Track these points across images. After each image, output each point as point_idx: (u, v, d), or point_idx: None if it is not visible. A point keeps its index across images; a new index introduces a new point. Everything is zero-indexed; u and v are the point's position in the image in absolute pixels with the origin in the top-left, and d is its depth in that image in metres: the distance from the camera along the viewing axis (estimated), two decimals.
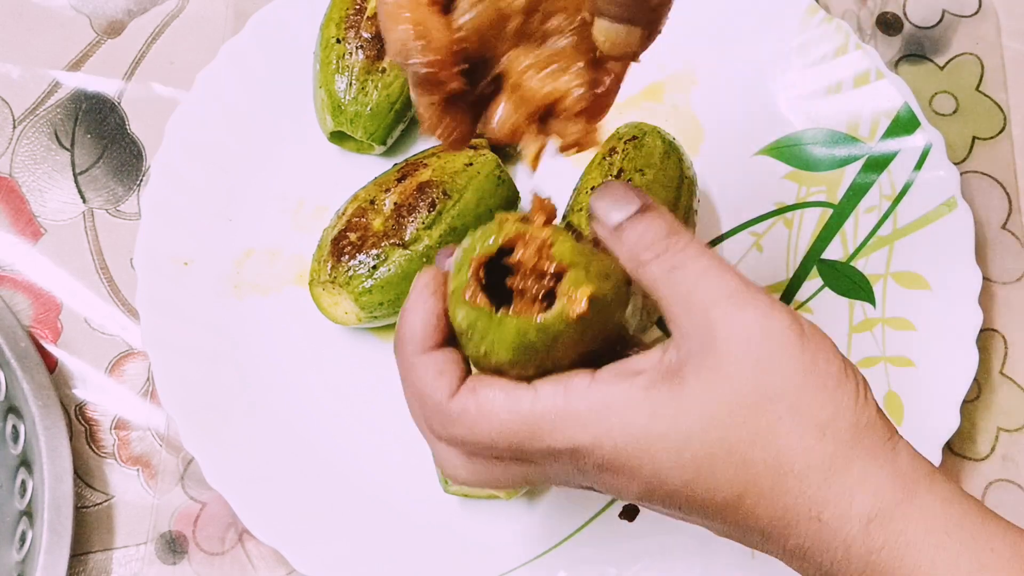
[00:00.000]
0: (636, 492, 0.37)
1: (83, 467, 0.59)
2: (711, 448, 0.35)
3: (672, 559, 0.56)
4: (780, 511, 0.35)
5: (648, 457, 0.36)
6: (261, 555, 0.57)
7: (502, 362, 0.37)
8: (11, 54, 0.69)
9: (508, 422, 0.36)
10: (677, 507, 0.37)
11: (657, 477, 0.36)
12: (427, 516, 0.57)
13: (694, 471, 0.35)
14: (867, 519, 0.35)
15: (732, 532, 0.38)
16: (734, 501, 0.36)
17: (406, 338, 0.38)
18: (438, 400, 0.37)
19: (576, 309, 0.36)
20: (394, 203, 0.58)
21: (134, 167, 0.66)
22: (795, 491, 0.35)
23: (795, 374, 0.36)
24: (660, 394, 0.36)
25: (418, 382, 0.38)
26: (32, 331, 0.62)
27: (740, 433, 0.35)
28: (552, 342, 0.36)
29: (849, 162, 0.64)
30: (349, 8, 0.63)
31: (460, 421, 0.37)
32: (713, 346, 0.35)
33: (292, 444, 0.58)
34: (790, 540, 0.36)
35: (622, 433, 0.35)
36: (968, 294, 0.60)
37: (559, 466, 0.37)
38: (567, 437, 0.36)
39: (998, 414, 0.61)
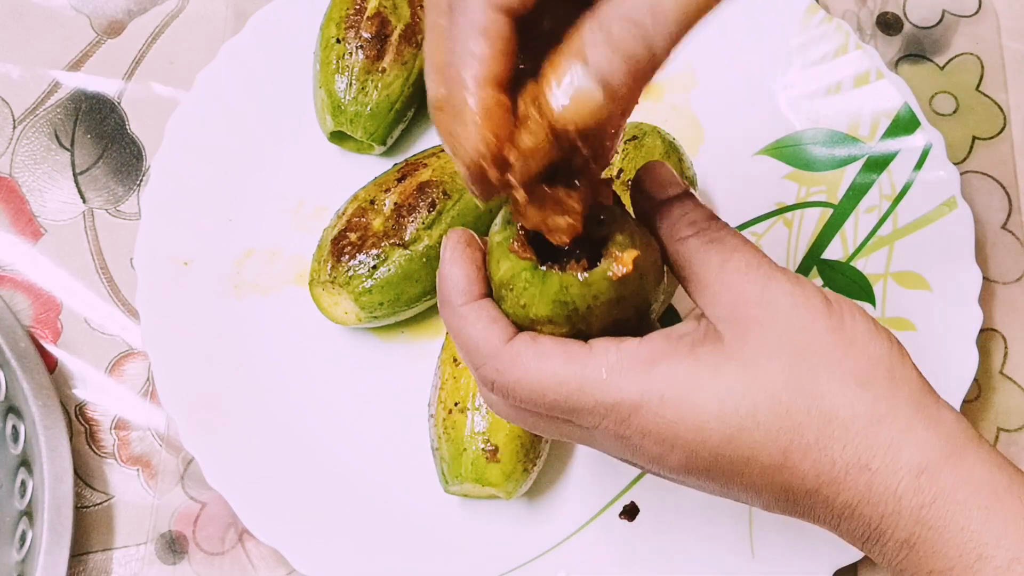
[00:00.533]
0: (678, 460, 0.37)
1: (83, 467, 0.59)
2: (754, 398, 0.35)
3: (672, 559, 0.56)
4: (827, 464, 0.35)
5: (693, 409, 0.36)
6: (261, 555, 0.57)
7: (540, 316, 0.37)
8: (11, 54, 0.69)
9: (561, 370, 0.37)
10: (720, 473, 0.37)
11: (701, 434, 0.36)
12: (427, 516, 0.57)
13: (738, 424, 0.36)
14: (917, 470, 0.35)
15: (777, 499, 0.37)
16: (779, 457, 0.36)
17: (452, 290, 0.39)
18: (495, 345, 0.38)
19: (621, 269, 0.36)
20: (394, 203, 0.58)
21: (134, 167, 0.66)
22: (842, 440, 0.35)
23: (824, 332, 0.36)
24: (703, 350, 0.37)
25: (471, 329, 0.38)
26: (32, 331, 0.62)
27: (781, 381, 0.36)
28: (591, 302, 0.37)
29: (849, 162, 0.64)
30: (349, 8, 0.63)
31: (515, 366, 0.37)
32: (747, 310, 0.37)
33: (292, 444, 0.58)
34: (839, 496, 0.36)
35: (669, 383, 0.36)
36: (968, 294, 0.60)
37: (603, 428, 0.37)
38: (616, 389, 0.36)
39: (998, 414, 0.61)
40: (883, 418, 0.35)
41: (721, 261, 0.38)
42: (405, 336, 0.61)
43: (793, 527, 0.55)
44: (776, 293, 0.37)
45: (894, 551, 0.36)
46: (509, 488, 0.54)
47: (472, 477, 0.53)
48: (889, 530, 0.35)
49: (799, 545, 0.55)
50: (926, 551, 0.35)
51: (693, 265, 0.38)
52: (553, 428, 0.39)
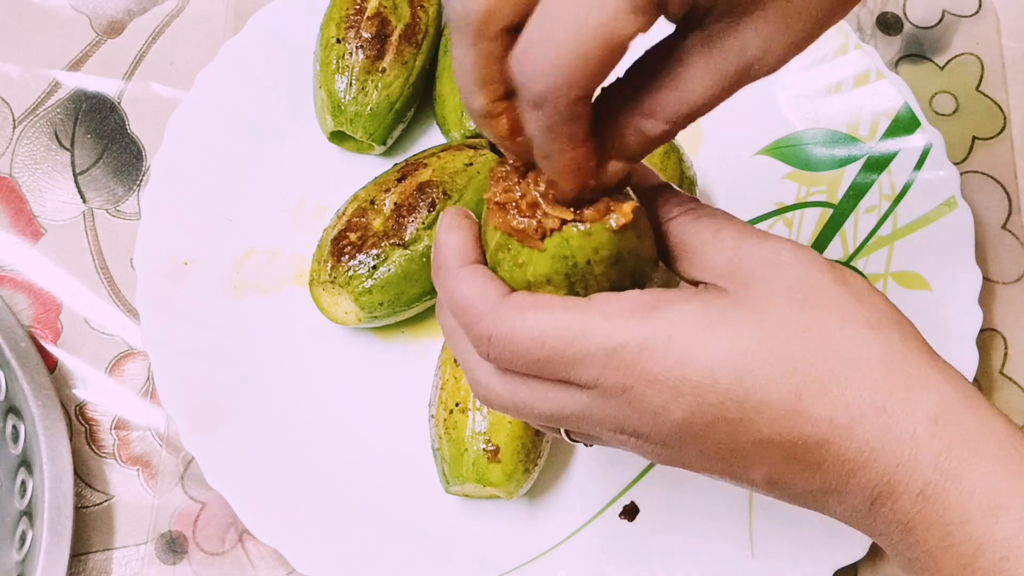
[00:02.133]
0: (682, 412, 0.35)
1: (83, 467, 0.59)
2: (766, 339, 0.34)
3: (672, 559, 0.56)
4: (842, 407, 0.34)
5: (702, 348, 0.34)
6: (261, 555, 0.57)
7: (538, 275, 0.37)
8: (11, 54, 0.69)
9: (561, 317, 0.36)
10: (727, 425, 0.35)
11: (710, 375, 0.34)
12: (427, 516, 0.57)
13: (748, 363, 0.34)
14: (935, 415, 0.34)
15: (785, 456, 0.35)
16: (791, 401, 0.34)
17: (447, 255, 0.38)
18: (491, 300, 0.37)
19: (621, 219, 0.36)
20: (394, 203, 0.58)
21: (134, 167, 0.66)
22: (855, 382, 0.34)
23: (830, 283, 0.36)
24: (710, 295, 0.36)
25: (465, 288, 0.37)
26: (32, 331, 0.62)
27: (791, 323, 0.35)
28: (591, 255, 0.36)
29: (849, 162, 0.64)
30: (349, 8, 0.63)
31: (512, 316, 0.36)
32: (748, 267, 0.36)
33: (292, 444, 0.58)
34: (853, 443, 0.34)
35: (677, 323, 0.35)
36: (968, 294, 0.60)
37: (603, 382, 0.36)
38: (619, 331, 0.35)
39: None
40: (897, 362, 0.34)
41: (714, 230, 0.37)
42: (405, 336, 0.61)
43: (793, 527, 0.55)
44: (776, 250, 0.36)
45: (907, 505, 0.34)
46: (510, 488, 0.54)
47: (473, 477, 0.53)
48: (904, 480, 0.34)
49: (799, 545, 0.55)
50: (942, 502, 0.34)
51: (686, 239, 0.38)
52: (548, 400, 0.37)
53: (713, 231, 0.37)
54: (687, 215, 0.38)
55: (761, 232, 0.37)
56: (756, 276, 0.36)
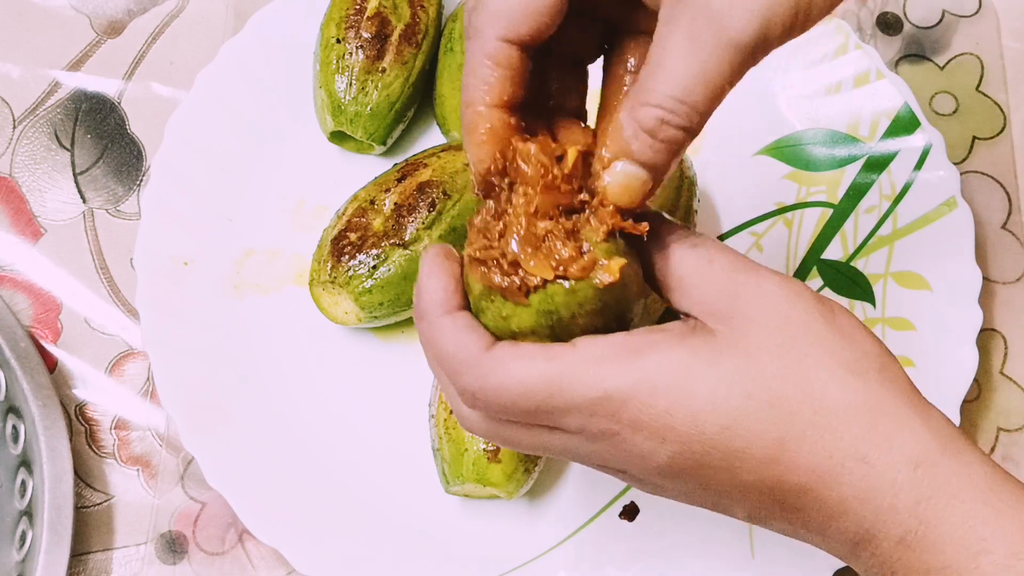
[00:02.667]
0: (668, 456, 0.36)
1: (83, 467, 0.59)
2: (748, 386, 0.35)
3: (672, 559, 0.56)
4: (823, 456, 0.34)
5: (687, 398, 0.35)
6: (261, 555, 0.57)
7: (522, 328, 0.37)
8: (11, 54, 0.69)
9: (546, 368, 0.36)
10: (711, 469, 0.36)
11: (695, 424, 0.35)
12: (427, 516, 0.57)
13: (732, 412, 0.35)
14: (915, 463, 0.34)
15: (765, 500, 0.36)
16: (774, 448, 0.35)
17: (429, 301, 0.38)
18: (474, 352, 0.37)
19: (607, 277, 0.36)
20: (394, 203, 0.58)
21: (134, 167, 0.66)
22: (837, 429, 0.34)
23: (816, 322, 0.36)
24: (695, 339, 0.36)
25: (447, 339, 0.37)
26: (32, 331, 0.62)
27: (772, 369, 0.35)
28: (576, 310, 0.36)
29: (849, 162, 0.64)
30: (349, 8, 0.63)
31: (497, 370, 0.36)
32: (736, 304, 0.36)
33: (292, 444, 0.58)
34: (834, 491, 0.35)
35: (661, 373, 0.35)
36: (968, 294, 0.60)
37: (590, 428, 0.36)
38: (605, 381, 0.35)
39: (998, 414, 0.61)
40: (877, 409, 0.35)
41: (706, 262, 0.37)
42: (405, 336, 0.61)
43: None
44: (764, 286, 0.36)
45: (888, 552, 0.35)
46: (510, 488, 0.54)
47: (473, 477, 0.53)
48: (884, 528, 0.35)
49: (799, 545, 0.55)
50: (923, 548, 0.34)
51: (677, 270, 0.38)
52: (536, 440, 0.38)
53: (705, 262, 0.37)
54: (678, 245, 0.38)
55: (752, 266, 0.37)
56: (744, 315, 0.36)
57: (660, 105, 0.35)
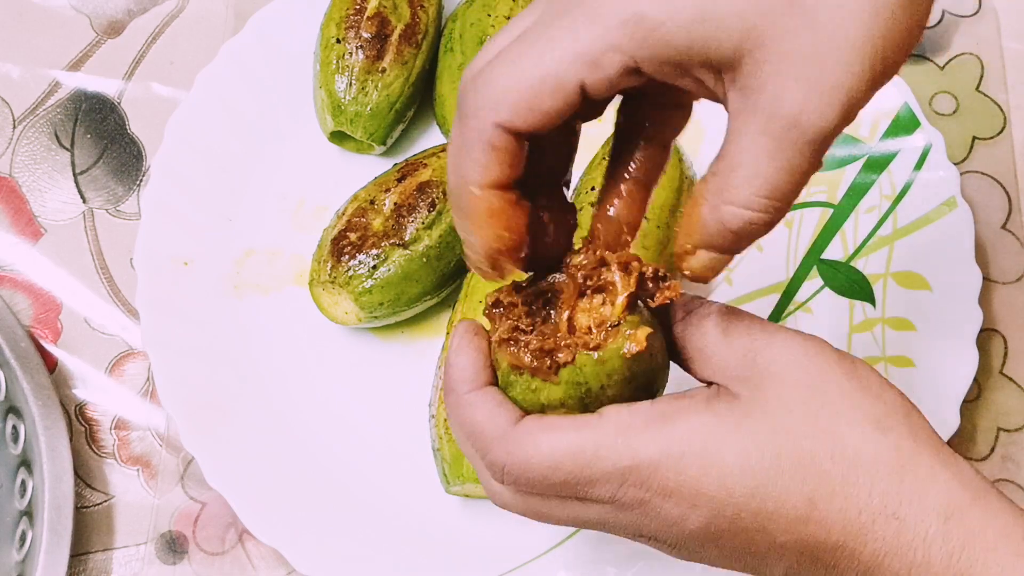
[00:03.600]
0: (699, 522, 0.36)
1: (83, 467, 0.59)
2: (777, 447, 0.35)
3: (672, 559, 0.56)
4: (854, 513, 0.35)
5: (715, 463, 0.35)
6: (261, 555, 0.57)
7: (552, 400, 0.37)
8: (11, 54, 0.69)
9: (575, 440, 0.36)
10: (743, 532, 0.36)
11: (724, 488, 0.35)
12: (427, 516, 0.57)
13: (762, 475, 0.35)
14: (945, 516, 0.34)
15: (800, 558, 0.36)
16: (805, 508, 0.35)
17: (457, 378, 0.38)
18: (502, 428, 0.37)
19: (635, 347, 0.36)
20: (394, 203, 0.58)
21: (134, 167, 0.66)
22: (867, 487, 0.35)
23: (841, 378, 0.36)
24: (720, 404, 0.36)
25: (477, 415, 0.37)
26: (32, 331, 0.62)
27: (801, 429, 0.35)
28: (605, 380, 0.37)
29: (849, 162, 0.64)
30: (349, 8, 0.63)
31: (525, 444, 0.36)
32: (757, 366, 0.36)
33: (292, 444, 0.58)
34: (867, 547, 0.35)
35: (689, 439, 0.35)
36: (968, 294, 0.60)
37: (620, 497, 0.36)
38: (633, 450, 0.35)
39: (998, 414, 0.61)
40: (906, 463, 0.35)
41: (721, 331, 0.37)
42: (405, 336, 0.61)
43: None
44: (785, 345, 0.36)
45: None
46: None
47: (474, 477, 0.53)
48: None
49: None
50: None
51: (695, 342, 0.38)
52: (567, 512, 0.38)
53: (722, 331, 0.37)
54: (693, 317, 0.38)
55: (770, 327, 0.37)
56: (767, 376, 0.36)
57: (748, 206, 0.35)
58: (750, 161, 0.34)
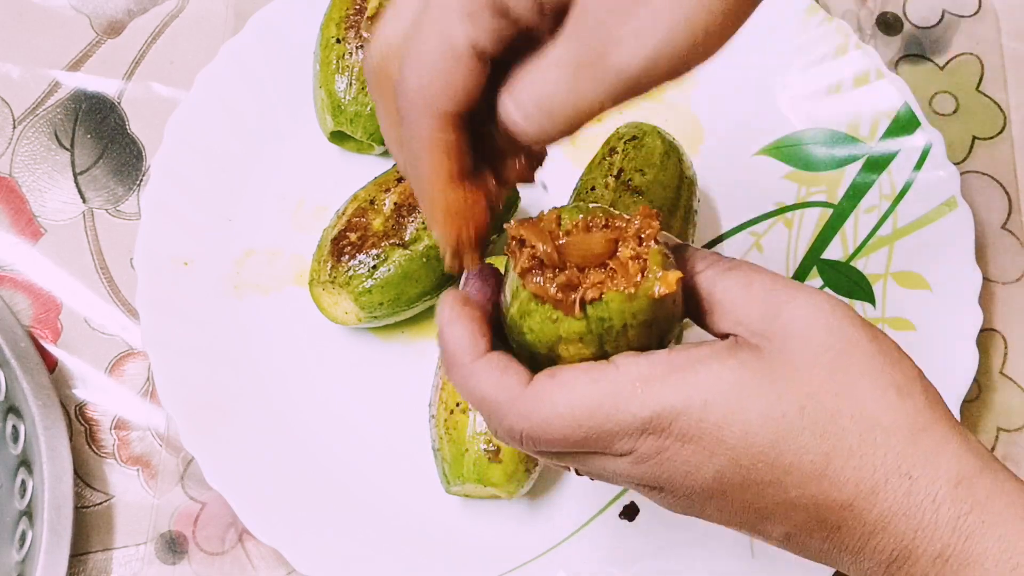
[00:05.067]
0: (714, 470, 0.36)
1: (83, 467, 0.59)
2: (801, 401, 0.35)
3: (672, 559, 0.56)
4: (868, 471, 0.35)
5: (740, 412, 0.35)
6: (261, 555, 0.57)
7: (572, 332, 0.36)
8: (11, 54, 0.69)
9: (591, 394, 0.35)
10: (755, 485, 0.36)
11: (746, 436, 0.35)
12: (427, 516, 0.57)
13: (785, 427, 0.35)
14: (956, 480, 0.35)
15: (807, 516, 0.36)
16: (821, 463, 0.35)
17: (456, 351, 0.37)
18: (515, 391, 0.36)
19: (664, 288, 0.36)
20: (394, 203, 0.58)
21: (134, 167, 0.66)
22: (884, 446, 0.35)
23: (863, 341, 0.36)
24: (744, 353, 0.36)
25: (485, 384, 0.37)
26: (32, 331, 0.62)
27: (827, 385, 0.35)
28: (629, 320, 0.36)
29: (849, 162, 0.64)
30: (349, 8, 0.63)
31: (541, 406, 0.36)
32: (781, 322, 0.36)
33: (292, 444, 0.58)
34: (875, 507, 0.35)
35: (713, 386, 0.35)
36: (968, 294, 0.60)
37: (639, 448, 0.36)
38: (655, 399, 0.35)
39: (998, 414, 0.61)
40: (922, 429, 0.35)
41: (745, 283, 0.37)
42: (405, 336, 0.61)
43: None
44: (809, 303, 0.36)
45: (925, 568, 0.35)
46: (511, 488, 0.54)
47: (474, 478, 0.53)
48: (923, 543, 0.35)
49: None
50: (961, 563, 0.34)
51: (715, 294, 0.38)
52: (585, 463, 0.38)
53: (744, 285, 0.37)
54: (713, 269, 0.38)
55: (792, 284, 0.37)
56: (791, 333, 0.36)
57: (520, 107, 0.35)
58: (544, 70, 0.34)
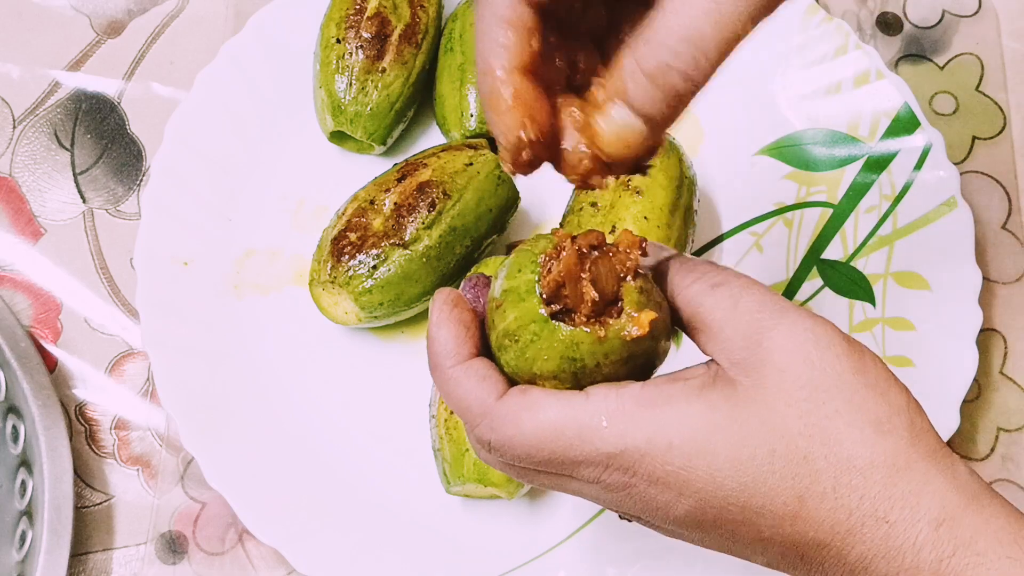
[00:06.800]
0: (685, 509, 0.35)
1: (83, 467, 0.59)
2: (771, 444, 0.34)
3: (672, 559, 0.56)
4: (844, 515, 0.34)
5: (705, 455, 0.34)
6: (261, 555, 0.57)
7: (544, 371, 0.36)
8: (11, 54, 0.69)
9: (557, 419, 0.35)
10: (730, 523, 0.35)
11: (713, 480, 0.34)
12: (428, 516, 0.57)
13: (753, 471, 0.34)
14: (937, 522, 0.34)
15: (785, 553, 0.35)
16: (794, 505, 0.34)
17: (440, 352, 0.38)
18: (485, 403, 0.36)
19: (637, 330, 0.35)
20: (394, 203, 0.58)
21: (134, 167, 0.66)
22: (859, 489, 0.34)
23: (846, 372, 0.35)
24: (715, 393, 0.35)
25: (461, 391, 0.37)
26: (32, 331, 0.62)
27: (798, 426, 0.34)
28: (601, 359, 0.36)
29: (849, 162, 0.64)
30: (349, 8, 0.63)
31: (507, 422, 0.36)
32: (761, 352, 0.35)
33: (292, 444, 0.58)
34: (854, 549, 0.34)
35: (679, 429, 0.34)
36: (968, 294, 0.60)
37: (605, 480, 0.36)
38: (618, 436, 0.35)
39: (998, 414, 0.61)
40: (902, 469, 0.34)
41: (731, 303, 0.36)
42: (405, 336, 0.61)
43: None
44: (792, 331, 0.35)
45: None
46: (511, 488, 0.54)
47: (474, 478, 0.53)
48: None
49: None
50: None
51: (702, 312, 0.37)
52: (554, 483, 0.38)
53: (730, 306, 0.36)
54: (700, 284, 0.37)
55: (781, 306, 0.36)
56: (769, 366, 0.35)
57: (664, 44, 0.33)
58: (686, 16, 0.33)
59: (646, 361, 0.37)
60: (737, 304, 0.36)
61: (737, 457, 0.34)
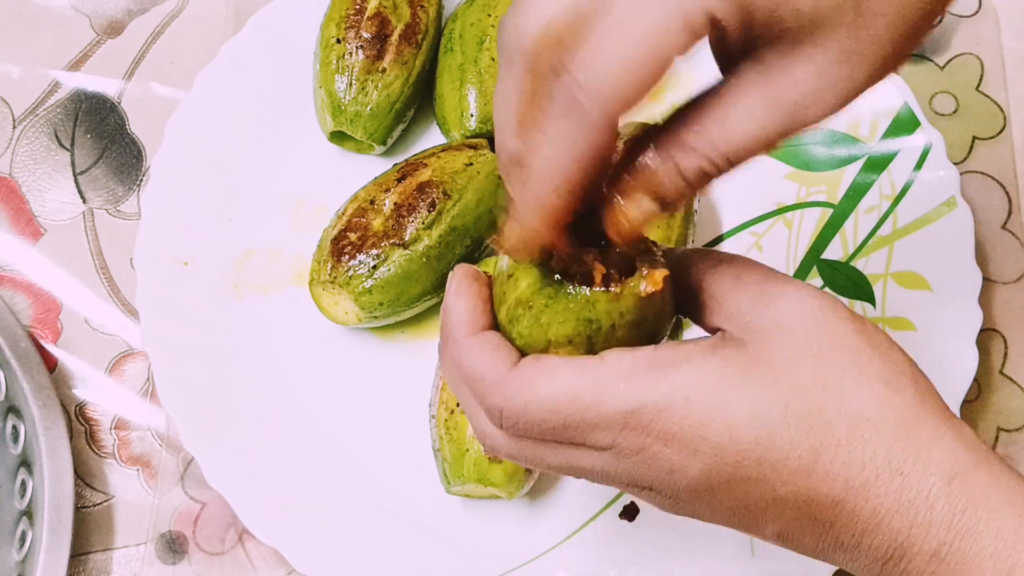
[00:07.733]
0: (699, 468, 0.35)
1: (83, 467, 0.59)
2: (785, 398, 0.34)
3: (672, 559, 0.56)
4: (857, 468, 0.34)
5: (721, 410, 0.34)
6: (261, 555, 0.57)
7: (559, 336, 0.36)
8: (11, 54, 0.69)
9: (575, 383, 0.35)
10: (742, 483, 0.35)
11: (730, 435, 0.34)
12: (428, 516, 0.57)
13: (769, 424, 0.34)
14: (949, 476, 0.34)
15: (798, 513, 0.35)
16: (808, 459, 0.34)
17: (456, 323, 0.38)
18: (500, 372, 0.36)
19: (651, 287, 0.36)
20: (394, 203, 0.58)
21: (134, 167, 0.66)
22: (872, 442, 0.34)
23: (851, 333, 0.36)
24: (727, 351, 0.35)
25: (474, 359, 0.37)
26: (32, 331, 0.62)
27: (810, 380, 0.35)
28: (616, 319, 0.36)
29: (849, 162, 0.64)
30: (349, 8, 0.63)
31: (524, 388, 0.36)
32: (768, 316, 0.36)
33: (292, 444, 0.58)
34: (867, 504, 0.34)
35: (696, 384, 0.35)
36: (968, 294, 0.60)
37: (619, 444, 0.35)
38: (635, 393, 0.35)
39: (998, 414, 0.61)
40: (912, 424, 0.35)
41: (735, 277, 0.37)
42: (405, 336, 0.61)
43: None
44: (797, 296, 0.36)
45: (921, 566, 0.34)
46: (511, 488, 0.54)
47: (474, 478, 0.53)
48: (918, 541, 0.34)
49: None
50: (957, 562, 0.34)
51: (706, 287, 0.37)
52: (562, 458, 0.37)
53: (734, 278, 0.37)
54: (705, 263, 0.38)
55: (783, 277, 0.37)
56: (777, 327, 0.36)
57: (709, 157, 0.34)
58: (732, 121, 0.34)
59: (655, 328, 0.37)
60: (741, 277, 0.37)
61: (753, 410, 0.34)
